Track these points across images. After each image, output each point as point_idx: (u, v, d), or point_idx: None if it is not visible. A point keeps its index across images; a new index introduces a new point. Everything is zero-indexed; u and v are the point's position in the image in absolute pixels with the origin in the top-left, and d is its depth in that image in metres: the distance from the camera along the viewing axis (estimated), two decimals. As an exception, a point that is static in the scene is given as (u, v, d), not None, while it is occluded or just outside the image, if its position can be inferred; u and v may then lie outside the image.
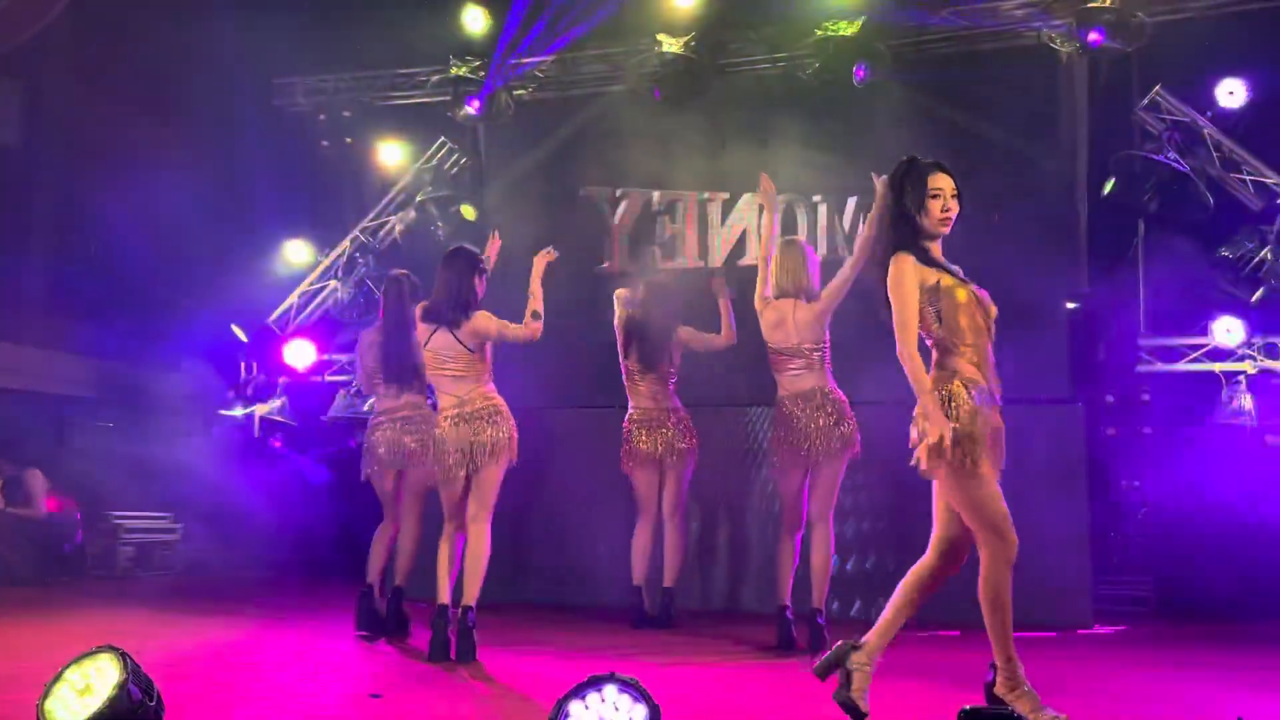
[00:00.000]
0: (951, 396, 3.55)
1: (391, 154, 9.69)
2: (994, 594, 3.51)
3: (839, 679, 3.58)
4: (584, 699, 2.91)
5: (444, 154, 9.54)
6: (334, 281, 9.74)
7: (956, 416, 3.51)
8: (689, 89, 8.29)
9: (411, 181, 9.62)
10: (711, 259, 8.30)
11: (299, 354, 9.45)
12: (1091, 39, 7.41)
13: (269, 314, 9.72)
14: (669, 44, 8.23)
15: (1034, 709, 3.45)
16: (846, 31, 7.81)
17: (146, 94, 9.76)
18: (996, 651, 3.55)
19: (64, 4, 8.53)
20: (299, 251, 9.89)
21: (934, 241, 3.70)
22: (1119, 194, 7.76)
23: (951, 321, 3.60)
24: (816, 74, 8.02)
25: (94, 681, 3.11)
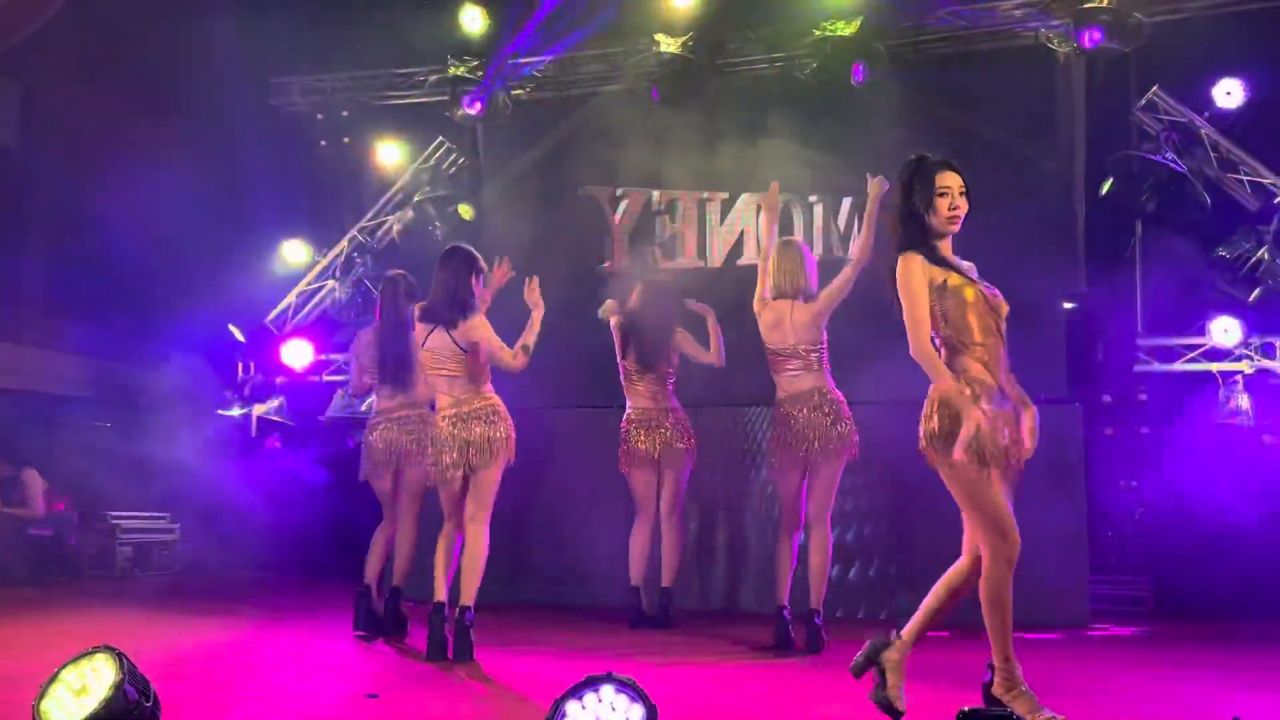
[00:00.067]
0: (952, 395, 3.55)
1: (389, 154, 9.70)
2: (994, 593, 3.51)
3: (874, 678, 3.60)
4: (581, 699, 2.91)
5: (442, 154, 9.54)
6: (332, 281, 9.75)
7: (950, 418, 3.50)
8: (687, 89, 8.30)
9: (409, 181, 9.63)
10: (711, 259, 8.30)
11: (296, 354, 9.45)
12: (1089, 39, 7.42)
13: (266, 314, 9.72)
14: (667, 44, 8.22)
15: (1031, 709, 3.44)
16: (844, 32, 7.81)
17: (144, 93, 9.74)
18: (995, 651, 3.55)
19: (61, 3, 8.51)
20: (296, 251, 9.89)
21: (943, 240, 3.69)
22: (1117, 194, 7.77)
23: (959, 321, 3.59)
24: (814, 74, 8.03)
25: (90, 682, 3.11)
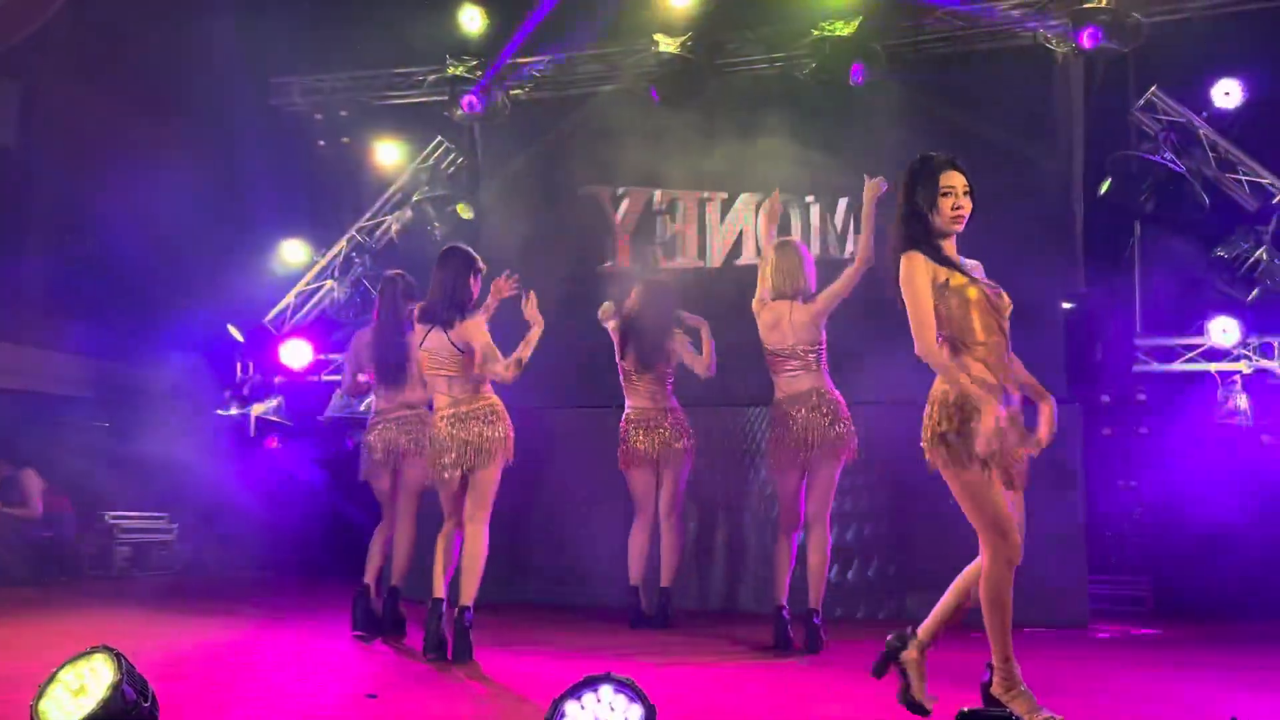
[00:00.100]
0: (948, 396, 3.55)
1: (388, 153, 9.70)
2: (995, 593, 3.51)
3: (899, 679, 3.63)
4: (580, 699, 2.91)
5: (441, 154, 9.55)
6: (330, 281, 9.75)
7: (953, 417, 3.51)
8: (686, 89, 8.29)
9: (408, 181, 9.64)
10: (711, 259, 8.30)
11: (295, 354, 9.44)
12: (1088, 39, 7.42)
13: (265, 314, 9.72)
14: (666, 44, 8.22)
15: (1030, 709, 3.44)
16: (843, 32, 7.81)
17: (144, 93, 9.74)
18: (994, 651, 3.55)
19: (61, 3, 8.50)
20: (295, 251, 9.89)
21: (947, 239, 3.69)
22: (1115, 194, 7.78)
23: (962, 320, 3.59)
24: (813, 74, 8.02)
25: (88, 682, 3.11)
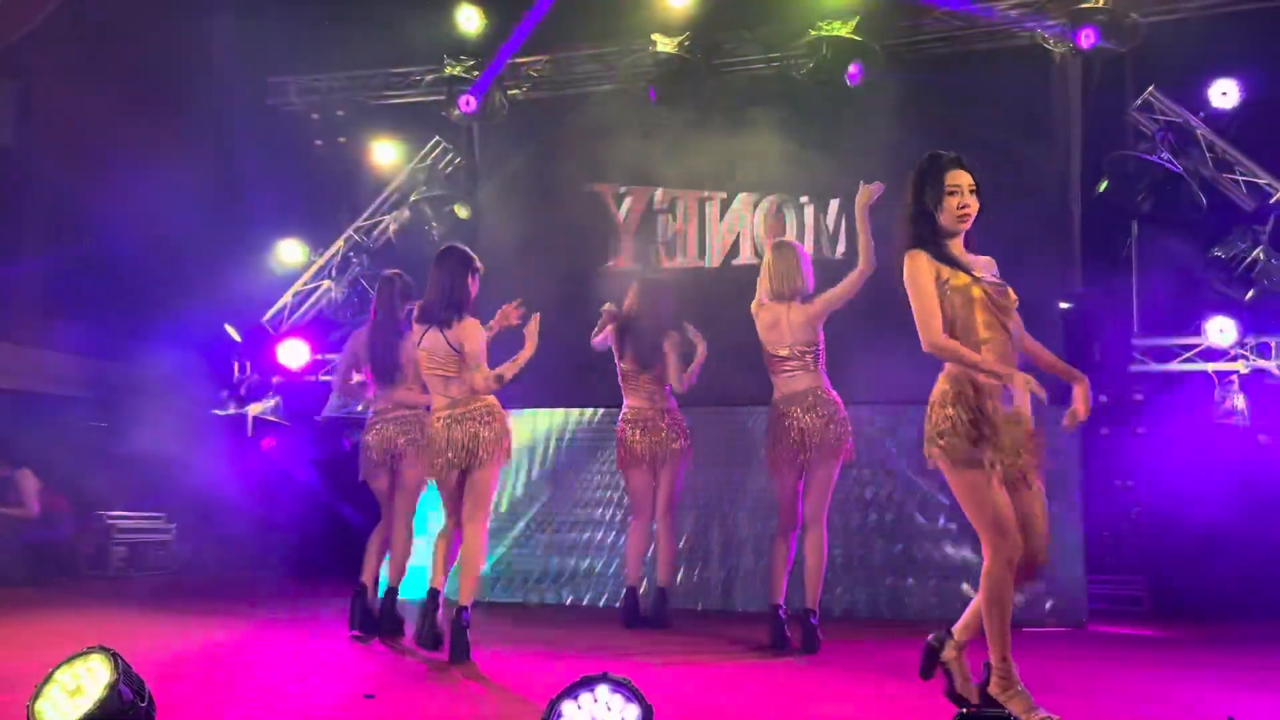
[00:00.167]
0: (948, 396, 3.56)
1: (385, 153, 9.70)
2: (995, 593, 3.51)
3: (944, 678, 3.68)
4: (576, 699, 2.91)
5: (438, 153, 9.54)
6: (328, 281, 9.73)
7: (952, 418, 3.51)
8: (683, 89, 8.29)
9: (405, 181, 9.63)
10: (710, 259, 8.30)
11: (292, 354, 9.43)
12: (1085, 39, 7.42)
13: (263, 313, 9.71)
14: (663, 44, 8.22)
15: (1027, 709, 3.44)
16: (841, 31, 7.81)
17: (141, 93, 9.73)
18: (993, 651, 3.55)
19: (59, 2, 8.50)
20: (293, 251, 9.88)
21: (953, 238, 3.69)
22: (1112, 194, 7.78)
23: (965, 319, 3.59)
24: (810, 74, 8.02)
25: (85, 682, 3.10)
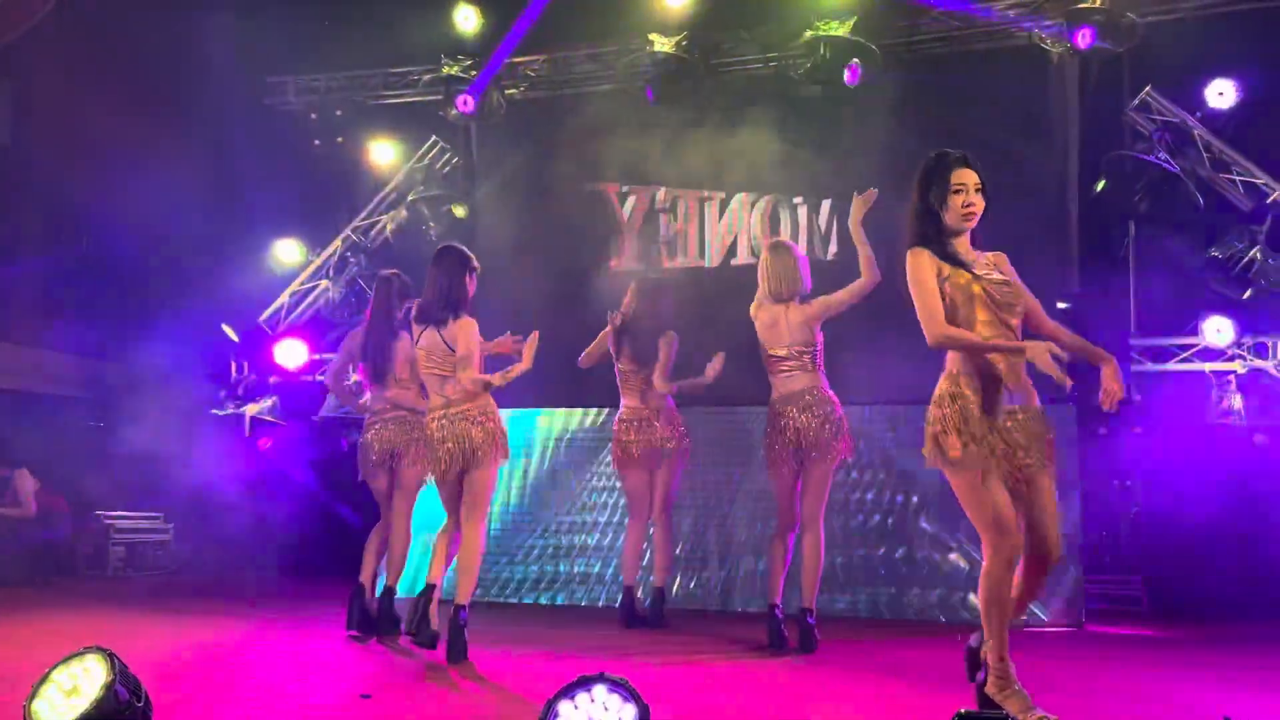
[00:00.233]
0: (946, 396, 3.56)
1: (383, 153, 9.70)
2: (994, 592, 3.51)
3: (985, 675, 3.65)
4: (573, 699, 2.91)
5: (436, 153, 9.54)
6: (325, 281, 9.73)
7: (949, 418, 3.51)
8: (681, 89, 8.30)
9: (403, 181, 9.62)
10: (710, 259, 8.31)
11: (290, 353, 9.43)
12: (1082, 39, 7.43)
13: (260, 313, 9.71)
14: (661, 44, 8.23)
15: (1024, 709, 3.45)
16: (838, 32, 7.82)
17: (138, 93, 9.72)
18: (990, 650, 3.55)
19: (55, 2, 8.49)
20: (290, 251, 9.88)
21: (958, 237, 3.69)
22: (1110, 194, 7.78)
23: (967, 316, 3.59)
24: (808, 74, 8.03)
25: (81, 682, 3.10)
